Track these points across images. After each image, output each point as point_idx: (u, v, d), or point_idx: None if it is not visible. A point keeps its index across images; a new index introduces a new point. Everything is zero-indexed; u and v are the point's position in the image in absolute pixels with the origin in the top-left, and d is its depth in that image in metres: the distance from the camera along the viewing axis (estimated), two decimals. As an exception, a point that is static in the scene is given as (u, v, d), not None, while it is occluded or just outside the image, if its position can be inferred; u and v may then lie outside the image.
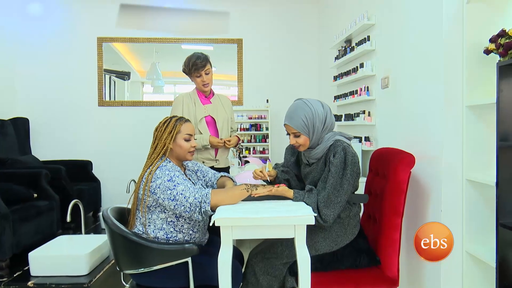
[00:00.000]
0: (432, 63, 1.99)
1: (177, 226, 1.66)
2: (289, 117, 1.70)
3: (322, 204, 1.59)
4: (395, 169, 1.79)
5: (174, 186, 1.57)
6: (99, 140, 4.72)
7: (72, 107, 4.67)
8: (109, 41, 4.70)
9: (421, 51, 2.11)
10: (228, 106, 2.53)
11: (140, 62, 4.93)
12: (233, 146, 2.47)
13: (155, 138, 1.72)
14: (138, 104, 4.81)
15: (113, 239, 1.63)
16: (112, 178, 4.62)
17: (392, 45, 2.55)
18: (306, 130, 1.68)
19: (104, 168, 4.65)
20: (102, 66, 4.70)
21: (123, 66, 4.82)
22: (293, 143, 1.73)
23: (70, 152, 4.57)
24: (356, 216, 1.76)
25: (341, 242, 1.72)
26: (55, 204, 3.26)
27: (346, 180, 1.61)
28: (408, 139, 2.26)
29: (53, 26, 4.63)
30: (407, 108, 2.29)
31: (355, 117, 3.19)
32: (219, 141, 2.36)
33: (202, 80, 2.36)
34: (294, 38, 4.90)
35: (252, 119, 4.81)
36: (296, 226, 1.47)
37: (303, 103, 1.69)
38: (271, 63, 4.90)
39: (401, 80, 2.40)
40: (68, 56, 4.64)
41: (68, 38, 4.64)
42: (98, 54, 4.68)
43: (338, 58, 3.65)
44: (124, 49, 4.82)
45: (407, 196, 1.81)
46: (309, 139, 1.70)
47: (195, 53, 2.38)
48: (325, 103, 1.74)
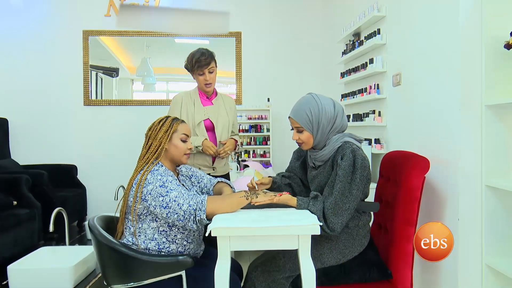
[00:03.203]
0: (448, 59, 1.99)
1: (170, 236, 1.67)
2: (294, 110, 1.72)
3: (329, 211, 1.59)
4: (408, 174, 1.79)
5: (167, 192, 1.57)
6: (85, 143, 4.73)
7: (55, 106, 4.68)
8: (95, 34, 4.72)
9: (436, 45, 2.12)
10: (231, 108, 2.51)
11: (129, 57, 4.95)
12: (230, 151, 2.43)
13: (149, 138, 1.73)
14: (127, 103, 4.82)
15: (100, 251, 1.63)
16: (99, 184, 4.62)
17: (404, 39, 2.57)
18: (309, 126, 1.69)
19: (90, 173, 4.66)
20: (88, 62, 4.72)
21: (111, 61, 4.83)
22: (295, 138, 1.75)
23: (53, 155, 4.58)
24: (365, 226, 1.77)
25: (349, 254, 1.72)
26: (37, 213, 3.26)
27: (355, 185, 1.61)
28: (422, 141, 2.27)
29: (34, 18, 4.64)
30: (420, 107, 2.30)
31: (364, 117, 3.20)
32: (211, 148, 2.30)
33: (205, 79, 2.36)
34: (297, 31, 4.92)
35: (251, 120, 4.82)
36: (300, 237, 1.47)
37: (312, 98, 1.71)
38: (273, 58, 4.92)
39: (414, 77, 2.41)
40: (51, 51, 4.66)
41: (50, 31, 4.66)
42: (84, 48, 4.70)
43: (346, 53, 3.66)
44: (112, 43, 4.84)
45: (421, 204, 1.81)
46: (312, 137, 1.71)
47: (200, 49, 2.37)
48: (340, 104, 1.75)
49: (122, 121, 4.78)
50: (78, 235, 4.05)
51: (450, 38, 1.97)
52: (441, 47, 2.06)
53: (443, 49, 2.04)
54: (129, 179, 1.68)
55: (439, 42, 2.08)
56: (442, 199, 2.00)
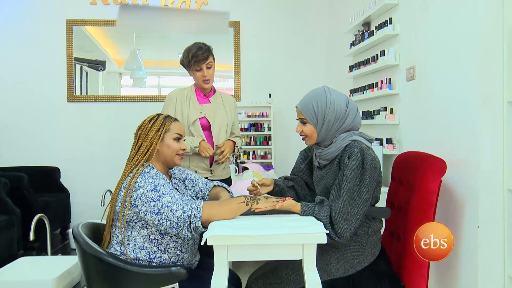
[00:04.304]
0: (466, 50, 1.99)
1: (162, 245, 1.67)
2: (302, 100, 1.77)
3: (337, 216, 1.59)
4: (423, 177, 1.80)
5: (159, 197, 1.57)
6: (68, 143, 4.73)
7: (35, 103, 4.68)
8: (80, 24, 4.72)
9: (453, 35, 2.12)
10: (230, 107, 2.52)
11: (117, 49, 4.95)
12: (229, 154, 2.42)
13: (139, 138, 1.74)
14: (115, 100, 4.82)
15: (85, 261, 1.63)
16: (84, 188, 4.63)
17: (419, 29, 2.57)
18: (313, 119, 1.71)
19: (74, 176, 4.66)
20: (72, 54, 4.72)
21: (97, 54, 4.84)
22: (298, 130, 1.78)
23: (33, 157, 4.58)
24: (376, 234, 1.77)
25: (358, 265, 1.72)
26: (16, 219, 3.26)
27: (364, 188, 1.61)
28: (438, 141, 2.27)
29: (11, 6, 4.64)
30: (437, 104, 2.30)
31: (375, 115, 3.20)
32: (208, 151, 2.31)
33: (203, 74, 2.37)
34: (301, 20, 4.92)
35: (251, 118, 4.83)
36: (305, 246, 1.47)
37: (323, 90, 1.75)
38: (275, 50, 4.92)
39: (430, 70, 2.41)
40: (31, 42, 4.66)
41: (30, 20, 4.66)
42: (68, 39, 4.70)
43: (354, 44, 3.66)
44: (99, 34, 4.84)
45: (437, 209, 1.81)
46: (316, 131, 1.72)
47: (196, 43, 2.39)
48: (354, 103, 1.76)
49: (109, 119, 4.78)
50: (61, 244, 4.05)
51: (469, 28, 1.97)
52: (459, 38, 2.06)
53: (461, 39, 2.04)
54: (117, 183, 1.68)
55: (457, 32, 2.08)
56: (460, 205, 2.00)
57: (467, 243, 1.96)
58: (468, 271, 1.96)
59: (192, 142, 2.32)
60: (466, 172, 1.96)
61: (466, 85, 1.99)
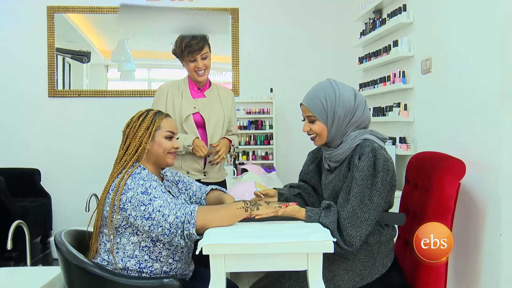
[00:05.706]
0: (487, 41, 2.00)
1: (153, 253, 1.67)
2: (307, 96, 1.76)
3: (346, 221, 1.59)
4: (440, 180, 1.80)
5: (150, 200, 1.58)
6: (50, 142, 4.74)
7: (13, 99, 4.69)
8: (62, 11, 4.72)
9: (473, 25, 2.13)
10: (227, 102, 2.52)
11: (103, 39, 4.96)
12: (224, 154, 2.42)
13: (127, 137, 1.74)
14: (101, 95, 4.83)
15: (69, 272, 1.63)
16: (67, 191, 4.63)
17: (435, 17, 2.57)
18: (323, 116, 1.71)
19: (56, 178, 4.67)
20: (54, 45, 4.72)
21: (81, 44, 4.84)
22: (306, 130, 1.77)
23: (11, 158, 4.58)
24: (388, 242, 1.77)
25: (369, 276, 1.72)
26: (-8, 227, 3.26)
27: (376, 191, 1.62)
28: (456, 140, 2.28)
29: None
30: (454, 100, 2.31)
31: (387, 111, 3.20)
32: (203, 149, 2.31)
33: (197, 66, 2.37)
34: (306, 7, 4.92)
35: (251, 115, 4.83)
36: (310, 255, 1.48)
37: (329, 83, 1.75)
38: (276, 40, 4.93)
39: (447, 63, 2.41)
40: (8, 31, 4.67)
41: (7, 7, 4.66)
42: (49, 28, 4.70)
43: (365, 34, 3.67)
44: (83, 22, 4.85)
45: (455, 215, 1.82)
46: (326, 129, 1.72)
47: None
48: (362, 95, 1.77)
49: (95, 116, 4.79)
50: (41, 254, 4.06)
51: (491, 16, 1.97)
52: (480, 27, 2.06)
53: (482, 28, 2.05)
54: (105, 186, 1.68)
55: (478, 20, 2.09)
56: (481, 210, 2.01)
57: (489, 252, 1.97)
58: (489, 283, 1.96)
59: (185, 140, 2.31)
60: (487, 175, 1.97)
61: (487, 79, 2.00)
